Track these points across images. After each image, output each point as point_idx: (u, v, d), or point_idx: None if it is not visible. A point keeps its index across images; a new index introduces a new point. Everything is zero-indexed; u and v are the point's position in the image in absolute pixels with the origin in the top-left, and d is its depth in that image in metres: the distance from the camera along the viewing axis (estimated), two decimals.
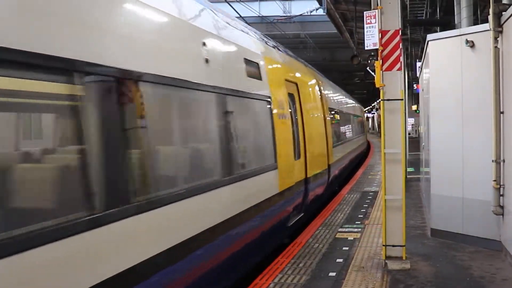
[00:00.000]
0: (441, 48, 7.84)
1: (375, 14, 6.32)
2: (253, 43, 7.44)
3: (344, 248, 7.32)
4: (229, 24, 6.66)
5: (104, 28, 3.67)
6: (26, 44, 2.85)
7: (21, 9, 2.91)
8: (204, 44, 5.25)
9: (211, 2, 6.62)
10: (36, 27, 2.97)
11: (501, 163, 6.63)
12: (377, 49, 6.37)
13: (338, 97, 17.84)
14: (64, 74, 3.17)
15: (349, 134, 19.61)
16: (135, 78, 3.90)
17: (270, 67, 7.75)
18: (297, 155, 8.69)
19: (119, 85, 3.71)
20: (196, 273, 4.72)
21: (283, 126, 7.86)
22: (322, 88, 12.54)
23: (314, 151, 10.07)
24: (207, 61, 5.20)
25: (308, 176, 9.35)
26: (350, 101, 24.60)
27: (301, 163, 9.02)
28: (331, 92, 15.67)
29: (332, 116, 13.84)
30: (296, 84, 9.43)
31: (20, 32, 2.86)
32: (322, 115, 11.83)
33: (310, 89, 11.19)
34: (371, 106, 65.87)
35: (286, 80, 8.68)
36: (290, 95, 8.83)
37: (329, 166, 11.77)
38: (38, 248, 2.76)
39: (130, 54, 3.92)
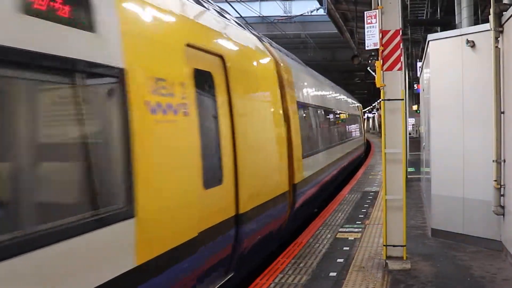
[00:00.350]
0: (441, 48, 7.84)
1: (376, 14, 6.32)
2: None
3: (344, 248, 7.32)
4: None
5: None
6: None
7: None
8: None
9: (214, 2, 6.54)
10: None
11: (502, 163, 6.63)
12: (377, 49, 6.37)
13: (318, 90, 13.37)
14: None
15: (335, 138, 15.56)
16: None
17: (133, 13, 4.15)
18: (213, 179, 5.12)
19: None
20: None
21: (165, 128, 4.27)
22: (283, 72, 8.50)
23: (258, 168, 6.45)
24: None
25: (242, 211, 5.72)
26: (340, 95, 19.42)
27: (226, 191, 5.46)
28: (305, 81, 11.27)
29: (303, 114, 10.09)
30: (222, 58, 5.67)
31: None
32: (282, 112, 7.90)
33: (257, 71, 7.37)
34: (371, 106, 65.95)
35: (191, 46, 4.95)
36: (202, 75, 5.21)
37: (293, 187, 8.09)
38: None
39: None
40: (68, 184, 3.39)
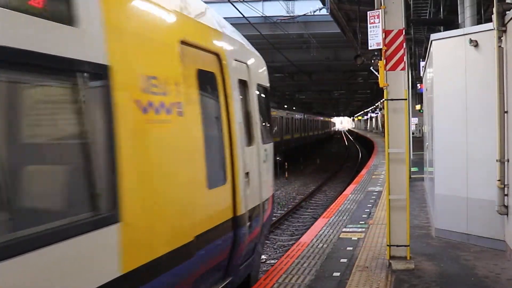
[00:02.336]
0: (444, 47, 7.83)
1: (379, 14, 6.31)
2: None
3: (348, 248, 7.32)
4: None
5: None
6: None
7: None
8: None
9: (215, 2, 6.55)
10: None
11: (505, 163, 6.62)
12: (380, 49, 6.37)
13: None
14: None
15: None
16: None
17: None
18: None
19: None
20: None
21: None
22: None
23: None
24: None
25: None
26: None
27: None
28: None
29: None
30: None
31: None
32: None
33: None
34: (375, 106, 66.01)
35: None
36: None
37: None
38: None
39: None
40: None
